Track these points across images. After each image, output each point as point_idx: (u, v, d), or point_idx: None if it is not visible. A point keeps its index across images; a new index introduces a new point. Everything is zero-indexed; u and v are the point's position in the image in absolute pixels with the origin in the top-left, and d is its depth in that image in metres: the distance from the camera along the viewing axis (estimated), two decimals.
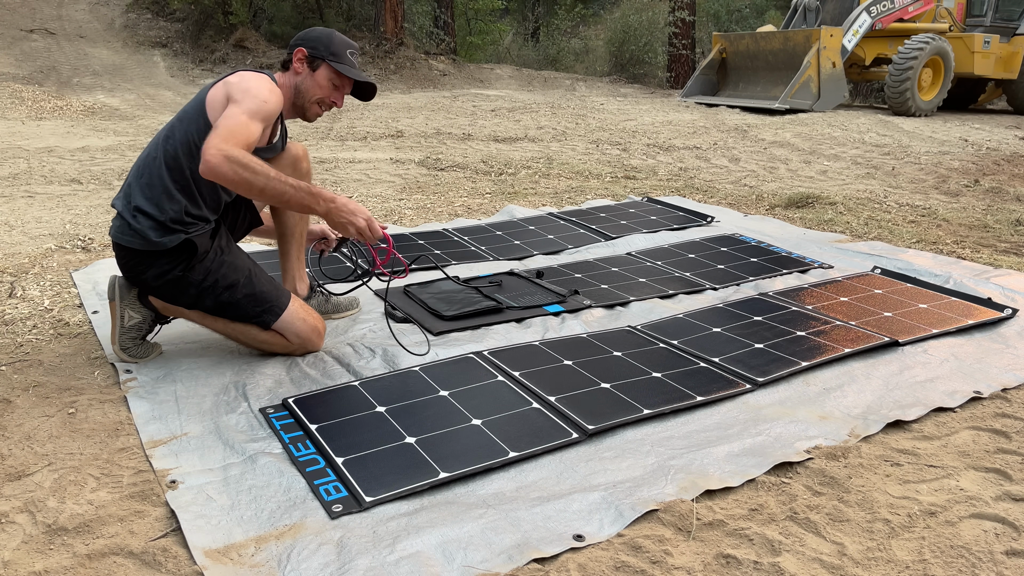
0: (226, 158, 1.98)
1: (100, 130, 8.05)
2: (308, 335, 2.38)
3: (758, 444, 1.88)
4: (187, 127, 2.23)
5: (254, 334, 2.36)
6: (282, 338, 2.36)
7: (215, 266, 2.29)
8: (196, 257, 2.25)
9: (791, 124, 9.16)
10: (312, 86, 2.35)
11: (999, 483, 1.75)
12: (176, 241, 2.21)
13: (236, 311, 2.32)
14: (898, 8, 11.66)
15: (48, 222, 4.07)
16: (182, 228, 2.22)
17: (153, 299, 2.33)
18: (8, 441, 1.88)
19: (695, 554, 1.49)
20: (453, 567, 1.44)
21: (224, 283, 2.29)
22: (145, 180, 2.23)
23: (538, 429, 1.92)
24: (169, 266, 2.24)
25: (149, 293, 2.31)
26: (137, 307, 2.32)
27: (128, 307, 2.31)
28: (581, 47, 21.04)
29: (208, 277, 2.27)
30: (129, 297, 2.31)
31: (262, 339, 2.36)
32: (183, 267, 2.24)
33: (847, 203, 4.83)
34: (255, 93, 2.15)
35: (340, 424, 1.95)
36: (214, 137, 2.01)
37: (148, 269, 2.24)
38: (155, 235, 2.19)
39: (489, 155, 6.69)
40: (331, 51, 2.33)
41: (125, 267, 2.27)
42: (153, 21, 14.76)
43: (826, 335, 2.54)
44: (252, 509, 1.62)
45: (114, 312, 2.30)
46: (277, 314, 2.34)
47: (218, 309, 2.31)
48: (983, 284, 3.09)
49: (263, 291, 2.34)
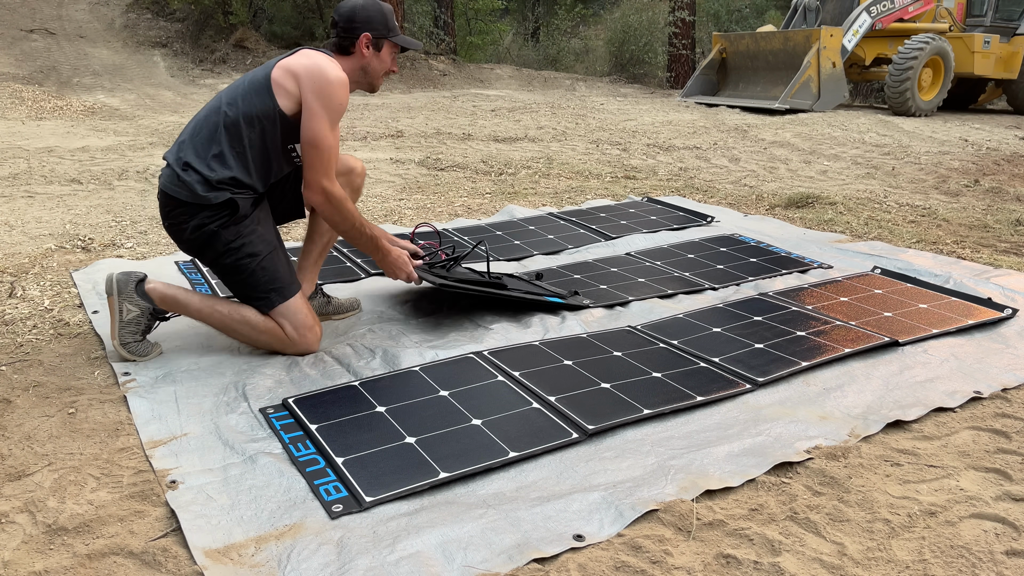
0: (327, 200, 2.33)
1: (100, 130, 8.05)
2: (305, 330, 2.39)
3: (758, 444, 1.88)
4: (252, 101, 2.32)
5: (252, 322, 2.37)
6: (278, 330, 2.37)
7: (247, 231, 2.35)
8: (235, 217, 2.32)
9: (791, 124, 9.16)
10: (379, 65, 2.46)
11: (999, 483, 1.75)
12: (221, 198, 2.29)
13: (248, 281, 2.36)
14: (898, 8, 11.65)
15: (48, 222, 4.07)
16: (228, 189, 2.30)
17: (151, 289, 2.36)
18: (8, 441, 1.88)
19: (695, 554, 1.49)
20: (453, 567, 1.44)
21: (248, 250, 2.34)
22: (200, 140, 2.32)
23: (538, 429, 1.92)
24: (208, 220, 2.30)
25: (182, 244, 2.38)
26: (135, 300, 2.34)
27: (126, 300, 2.33)
28: (581, 47, 21.04)
29: (237, 239, 2.33)
30: (127, 291, 2.33)
31: (260, 329, 2.37)
32: (220, 223, 2.31)
33: (847, 203, 4.83)
34: (337, 100, 2.29)
35: (340, 424, 1.96)
36: (317, 174, 2.30)
37: (189, 220, 2.31)
38: (202, 189, 2.28)
39: (489, 155, 6.69)
40: (389, 28, 2.44)
41: (167, 215, 2.35)
42: (153, 21, 14.76)
43: (826, 335, 2.54)
44: (252, 509, 1.62)
45: (112, 307, 2.33)
46: (284, 297, 2.38)
47: (232, 272, 2.36)
48: (983, 284, 3.09)
49: (279, 271, 2.40)
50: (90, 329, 2.62)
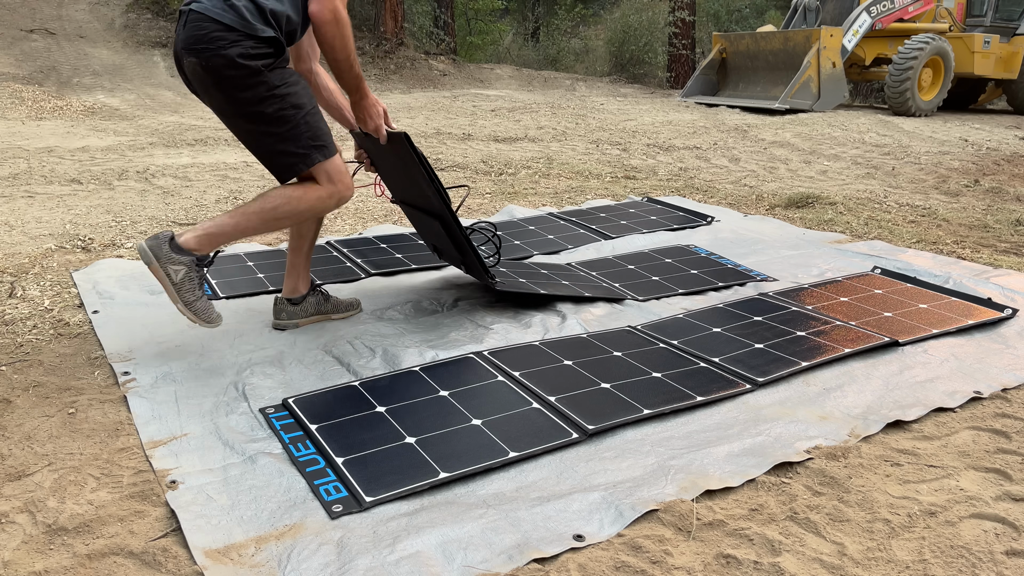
0: (335, 20, 2.21)
1: (100, 130, 8.05)
2: (342, 175, 2.40)
3: (758, 444, 1.88)
4: None
5: (290, 194, 2.34)
6: (317, 187, 2.36)
7: (291, 80, 2.29)
8: (278, 60, 2.25)
9: (791, 124, 9.16)
10: None
11: (999, 483, 1.75)
12: (269, 32, 2.21)
13: (290, 134, 2.30)
14: (898, 8, 11.65)
15: (48, 222, 4.07)
16: (275, 27, 2.23)
17: (184, 241, 2.29)
18: (8, 441, 1.88)
19: (695, 554, 1.49)
20: (453, 567, 1.44)
21: (293, 100, 2.28)
22: None
23: (538, 429, 1.92)
24: (255, 50, 2.20)
25: (211, 79, 2.23)
26: (175, 259, 2.28)
27: (167, 263, 2.27)
28: (581, 47, 21.04)
29: (283, 86, 2.26)
30: (164, 253, 2.27)
31: (299, 196, 2.35)
32: (265, 61, 2.22)
33: (847, 203, 4.83)
34: None
35: (340, 424, 1.96)
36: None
37: (233, 46, 2.17)
38: (251, 17, 2.19)
39: (489, 155, 6.69)
40: None
41: (206, 39, 2.18)
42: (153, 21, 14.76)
43: (826, 335, 2.54)
44: (252, 509, 1.62)
45: (159, 274, 2.28)
46: (326, 156, 2.36)
47: (272, 122, 2.27)
48: (983, 284, 3.09)
49: (322, 128, 2.37)
50: (90, 329, 2.62)
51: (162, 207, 4.50)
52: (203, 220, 2.96)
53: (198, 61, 2.19)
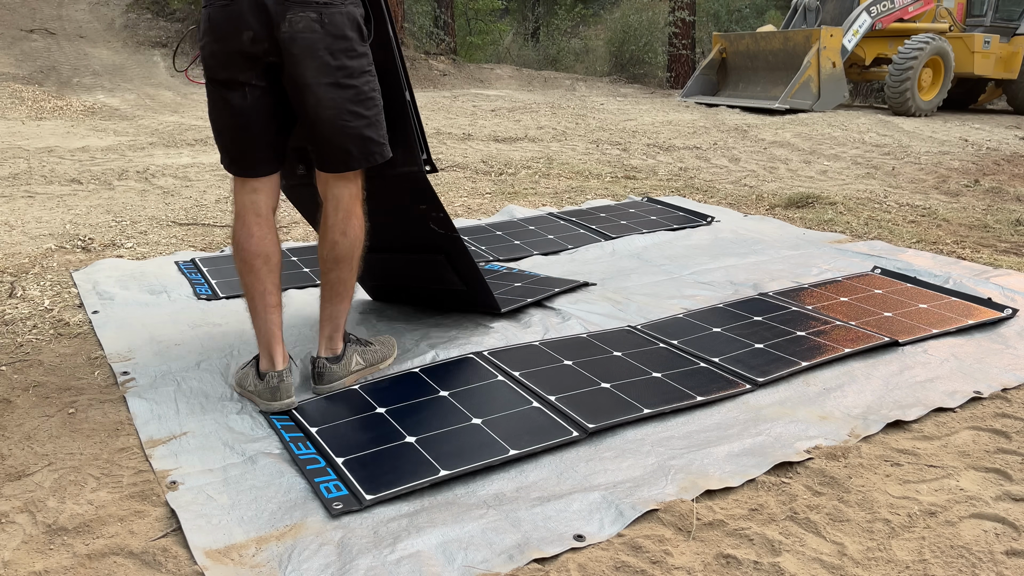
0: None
1: (100, 130, 8.05)
2: None
3: (758, 444, 1.88)
4: None
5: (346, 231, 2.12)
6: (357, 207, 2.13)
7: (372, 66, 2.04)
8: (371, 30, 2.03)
9: (791, 124, 9.16)
10: None
11: (999, 483, 1.75)
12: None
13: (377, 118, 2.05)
14: (898, 8, 11.65)
15: (48, 222, 4.07)
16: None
17: (335, 347, 2.19)
18: (8, 441, 1.88)
19: (695, 554, 1.49)
20: (454, 567, 1.44)
21: (377, 85, 2.05)
22: None
23: (538, 428, 1.92)
24: (364, 20, 2.00)
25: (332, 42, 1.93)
26: (346, 357, 2.19)
27: (350, 369, 2.20)
28: (581, 47, 21.03)
29: (372, 67, 2.04)
30: (340, 368, 2.17)
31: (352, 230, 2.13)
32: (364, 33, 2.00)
33: (847, 203, 4.83)
34: None
35: (340, 425, 1.96)
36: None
37: (356, 7, 1.97)
38: None
39: (489, 155, 6.69)
40: None
41: None
42: (153, 21, 14.76)
43: (826, 335, 2.54)
44: (253, 509, 1.62)
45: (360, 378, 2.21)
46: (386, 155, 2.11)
47: (365, 103, 2.01)
48: (983, 284, 3.10)
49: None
50: (90, 329, 2.62)
51: (162, 207, 4.50)
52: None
53: (318, 17, 1.87)
